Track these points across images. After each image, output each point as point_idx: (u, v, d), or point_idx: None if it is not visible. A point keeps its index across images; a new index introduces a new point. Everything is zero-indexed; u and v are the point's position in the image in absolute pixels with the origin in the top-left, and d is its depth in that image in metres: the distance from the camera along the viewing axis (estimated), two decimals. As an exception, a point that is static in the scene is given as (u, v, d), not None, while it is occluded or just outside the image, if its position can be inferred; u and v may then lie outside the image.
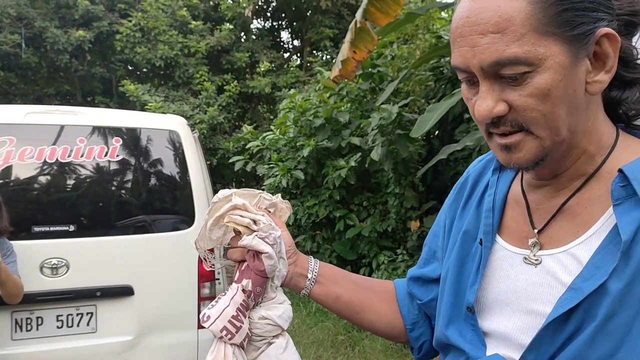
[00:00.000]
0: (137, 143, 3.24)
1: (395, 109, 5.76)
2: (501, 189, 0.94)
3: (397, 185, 6.33)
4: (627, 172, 0.74)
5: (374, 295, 1.13)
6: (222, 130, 13.41)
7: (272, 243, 0.98)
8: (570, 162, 0.82)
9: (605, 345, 0.71)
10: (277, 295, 1.03)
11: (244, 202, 1.02)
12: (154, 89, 13.12)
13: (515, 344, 0.81)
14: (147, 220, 3.23)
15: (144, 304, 3.06)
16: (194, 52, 13.48)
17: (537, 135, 0.76)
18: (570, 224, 0.81)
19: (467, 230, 0.95)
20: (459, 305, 0.92)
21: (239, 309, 0.96)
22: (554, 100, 0.73)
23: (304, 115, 7.10)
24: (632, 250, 0.71)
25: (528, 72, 0.73)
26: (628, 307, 0.70)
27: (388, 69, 7.12)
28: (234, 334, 0.95)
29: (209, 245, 1.07)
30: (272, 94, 13.54)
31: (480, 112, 0.76)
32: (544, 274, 0.80)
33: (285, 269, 1.04)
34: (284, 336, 1.02)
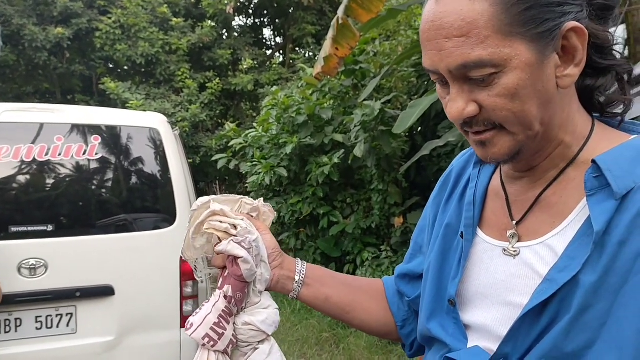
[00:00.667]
0: (116, 141, 3.19)
1: (378, 106, 5.77)
2: (482, 183, 0.94)
3: (381, 181, 6.34)
4: (600, 163, 0.74)
5: (363, 295, 1.13)
6: (205, 128, 13.33)
7: (248, 247, 0.98)
8: (547, 154, 0.82)
9: (581, 336, 0.71)
10: (262, 300, 1.03)
11: (222, 208, 1.02)
12: (135, 87, 12.99)
13: (495, 335, 0.81)
14: (127, 219, 3.18)
15: (125, 304, 3.02)
16: (176, 49, 13.37)
17: (510, 131, 0.77)
18: (546, 215, 0.81)
19: (449, 224, 0.96)
20: (441, 299, 0.92)
21: (221, 315, 0.96)
22: (523, 98, 0.74)
23: (287, 112, 7.08)
24: (605, 241, 0.71)
25: (495, 73, 0.73)
26: (603, 298, 0.70)
27: (370, 66, 7.12)
28: (216, 341, 0.95)
29: (196, 255, 1.06)
30: (254, 91, 13.48)
31: (452, 114, 0.77)
32: (522, 266, 0.81)
33: (268, 272, 1.03)
34: (269, 341, 1.02)
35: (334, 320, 5.39)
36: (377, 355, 4.55)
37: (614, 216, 0.72)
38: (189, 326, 0.97)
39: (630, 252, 0.70)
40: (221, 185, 16.49)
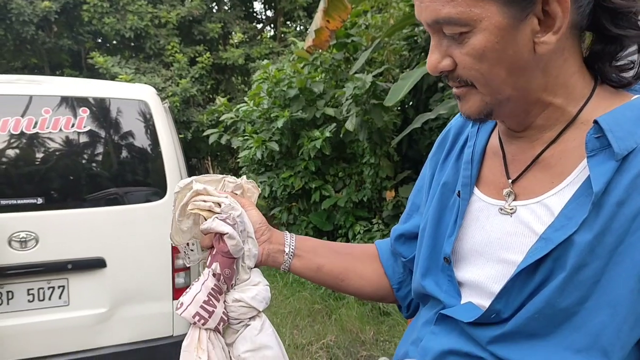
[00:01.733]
0: (105, 113, 3.16)
1: (369, 78, 5.73)
2: (480, 141, 0.94)
3: (372, 155, 6.33)
4: (602, 124, 0.73)
5: (356, 261, 1.13)
6: (196, 103, 13.22)
7: (233, 223, 0.98)
8: (535, 115, 0.82)
9: (575, 294, 0.72)
10: (251, 277, 1.03)
11: (205, 187, 1.02)
12: (124, 61, 12.84)
13: (488, 292, 0.82)
14: (117, 192, 3.17)
15: (116, 276, 3.03)
16: (165, 22, 13.18)
17: (479, 91, 0.78)
18: (545, 175, 0.81)
19: (446, 183, 0.96)
20: (436, 256, 0.93)
21: (210, 293, 0.97)
22: (491, 61, 0.74)
23: (278, 86, 7.03)
24: (603, 202, 0.71)
25: (465, 33, 0.74)
26: (598, 257, 0.71)
27: (362, 39, 7.05)
28: (207, 319, 0.96)
29: (184, 238, 1.06)
30: (245, 65, 13.36)
31: (428, 65, 0.80)
32: (518, 224, 0.81)
33: (255, 248, 1.03)
34: (260, 317, 1.02)
35: (326, 292, 5.44)
36: (368, 325, 4.60)
37: (614, 177, 0.72)
38: (179, 305, 0.97)
39: (628, 212, 0.70)
40: (213, 161, 16.45)
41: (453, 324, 0.86)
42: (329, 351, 4.22)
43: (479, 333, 0.81)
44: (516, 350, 0.76)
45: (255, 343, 0.99)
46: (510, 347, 0.77)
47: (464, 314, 0.83)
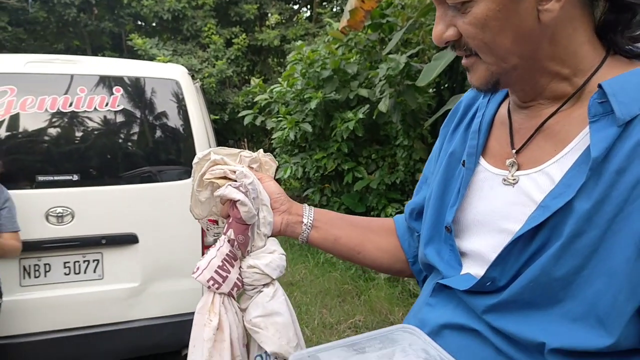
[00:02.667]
0: (137, 93, 3.23)
1: (403, 59, 5.67)
2: (489, 111, 0.93)
3: (406, 137, 6.29)
4: (606, 88, 0.72)
5: (373, 234, 1.14)
6: (232, 84, 13.33)
7: (245, 190, 1.00)
8: (543, 85, 0.81)
9: (571, 262, 0.71)
10: (267, 245, 1.05)
11: (222, 157, 1.05)
12: (162, 43, 13.00)
13: (488, 262, 0.81)
14: (150, 171, 3.25)
15: (148, 252, 3.11)
16: (202, 4, 13.28)
17: (485, 61, 0.77)
18: (548, 143, 0.80)
19: (453, 153, 0.95)
20: (439, 226, 0.93)
21: (225, 259, 1.00)
22: (493, 29, 0.73)
23: (312, 67, 7.01)
24: (603, 169, 0.70)
25: (468, 2, 0.73)
26: (596, 226, 0.69)
27: (397, 19, 6.96)
28: (220, 284, 0.99)
29: (203, 210, 1.09)
30: (281, 46, 13.37)
31: (433, 35, 0.79)
32: (519, 194, 0.80)
33: (270, 216, 1.05)
34: (273, 285, 1.04)
35: (357, 273, 5.46)
36: (397, 306, 4.61)
37: (615, 143, 0.70)
38: (195, 270, 1.00)
39: (628, 180, 0.68)
40: (249, 142, 16.58)
41: (450, 295, 0.86)
42: (357, 331, 4.25)
43: (475, 301, 0.81)
44: (511, 319, 0.76)
45: (267, 309, 1.01)
46: (505, 317, 0.77)
47: (461, 283, 0.83)
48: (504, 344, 0.77)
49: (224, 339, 0.98)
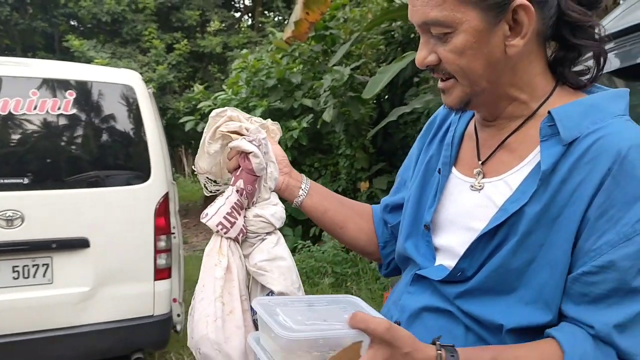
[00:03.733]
0: (91, 97, 3.23)
1: (347, 71, 5.86)
2: (460, 127, 1.09)
3: (348, 146, 6.47)
4: (554, 114, 0.88)
5: (355, 214, 1.27)
6: (172, 90, 13.19)
7: (258, 144, 1.08)
8: (503, 107, 0.97)
9: (524, 255, 0.87)
10: (271, 198, 1.13)
11: (238, 115, 1.12)
12: (100, 45, 12.73)
13: (456, 255, 0.96)
14: (102, 175, 3.25)
15: (100, 256, 3.11)
16: (143, 8, 13.10)
17: (461, 83, 0.92)
18: (508, 157, 0.96)
19: (430, 162, 1.11)
20: (418, 224, 1.07)
21: (233, 207, 1.07)
22: (469, 57, 0.88)
23: (257, 75, 7.11)
24: (550, 180, 0.86)
25: (449, 33, 0.88)
26: (542, 225, 0.86)
27: (340, 32, 7.17)
28: (228, 229, 1.06)
29: (209, 164, 1.15)
30: (223, 53, 13.36)
31: (416, 60, 0.94)
32: (484, 198, 0.96)
33: (276, 171, 1.14)
34: (275, 233, 1.12)
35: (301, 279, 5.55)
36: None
37: (560, 159, 0.86)
38: (204, 216, 1.07)
39: (568, 188, 0.85)
40: (187, 149, 16.39)
41: (426, 284, 1.00)
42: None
43: (448, 290, 0.95)
44: (477, 303, 0.91)
45: (271, 254, 1.09)
46: (472, 301, 0.92)
47: (435, 274, 0.98)
48: (473, 324, 0.93)
49: (232, 278, 1.05)
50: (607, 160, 0.83)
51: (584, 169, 0.84)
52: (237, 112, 1.13)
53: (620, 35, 1.41)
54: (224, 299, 1.03)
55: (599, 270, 0.82)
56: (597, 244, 0.83)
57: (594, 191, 0.83)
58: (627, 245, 0.81)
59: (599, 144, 0.84)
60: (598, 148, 0.84)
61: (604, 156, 0.83)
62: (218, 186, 1.20)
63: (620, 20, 1.44)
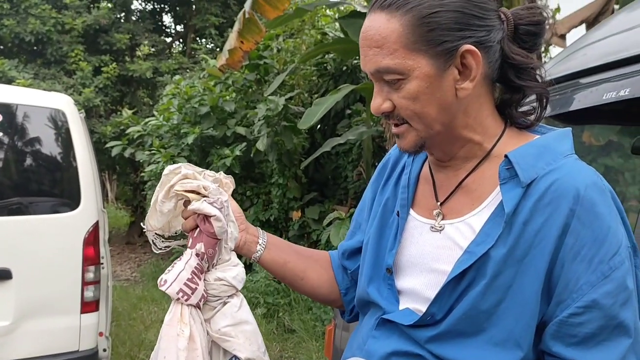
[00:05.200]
0: (19, 121, 3.10)
1: (282, 101, 5.92)
2: (414, 169, 1.11)
3: (281, 176, 6.49)
4: (511, 158, 0.92)
5: (315, 264, 1.26)
6: (98, 114, 12.79)
7: (220, 207, 1.06)
8: (458, 148, 1.00)
9: (493, 297, 0.89)
10: (232, 258, 1.11)
11: (193, 172, 1.10)
12: (22, 65, 12.20)
13: (422, 298, 0.97)
14: (23, 203, 3.11)
15: (23, 288, 2.95)
16: (69, 29, 12.69)
17: (415, 127, 0.95)
18: (466, 198, 0.98)
19: (387, 204, 1.11)
20: (379, 267, 1.07)
21: (193, 272, 1.04)
22: (423, 102, 0.92)
23: (189, 102, 7.04)
24: (513, 221, 0.89)
25: (402, 79, 0.91)
26: (510, 267, 0.88)
27: (274, 62, 7.25)
28: (189, 295, 1.02)
29: (159, 222, 1.12)
30: (153, 78, 13.12)
31: (372, 108, 0.96)
32: (446, 239, 0.97)
33: (236, 231, 1.12)
34: (238, 296, 1.09)
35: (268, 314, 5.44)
36: (274, 342, 4.71)
37: (520, 201, 0.89)
38: (162, 282, 1.03)
39: (531, 230, 0.88)
40: (111, 174, 15.87)
41: (393, 328, 0.99)
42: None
43: (418, 334, 0.95)
44: (449, 347, 0.92)
45: (236, 318, 1.06)
46: (444, 345, 0.92)
47: (404, 318, 0.97)
48: None
49: (195, 347, 1.01)
50: (567, 201, 0.87)
51: (545, 211, 0.88)
52: (191, 168, 1.11)
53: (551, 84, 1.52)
54: None
55: (583, 311, 0.85)
56: (577, 285, 0.86)
57: (560, 232, 0.87)
58: (606, 283, 0.85)
59: (556, 185, 0.88)
60: (556, 190, 0.88)
61: (564, 198, 0.87)
62: (167, 242, 1.17)
63: (552, 70, 1.55)
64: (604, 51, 1.42)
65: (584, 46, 1.55)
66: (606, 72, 1.36)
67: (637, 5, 1.49)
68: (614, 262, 0.86)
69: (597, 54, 1.44)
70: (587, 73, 1.42)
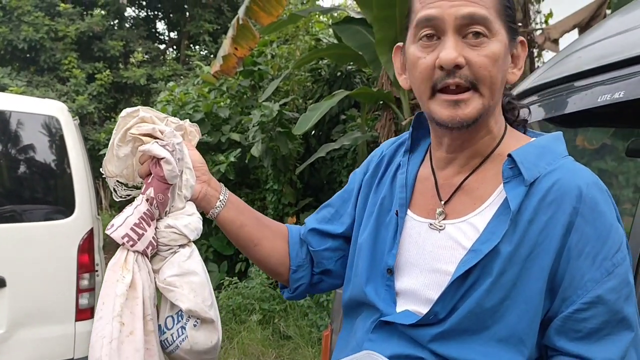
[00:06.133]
0: (13, 128, 3.09)
1: (277, 107, 5.92)
2: (412, 169, 1.10)
3: (276, 181, 6.49)
4: (515, 157, 0.93)
5: (271, 233, 1.21)
6: (92, 121, 12.78)
7: (172, 150, 1.00)
8: (479, 138, 0.99)
9: (498, 295, 0.89)
10: (186, 207, 1.06)
11: (151, 115, 1.04)
12: (15, 73, 12.18)
13: (423, 298, 0.96)
14: (17, 210, 3.09)
15: (17, 296, 2.93)
16: (62, 36, 12.70)
17: (481, 94, 0.92)
18: (468, 198, 0.99)
19: (383, 203, 1.09)
20: (376, 267, 1.05)
21: (142, 217, 1.00)
22: (499, 67, 0.93)
23: (183, 108, 7.03)
24: (518, 219, 0.90)
25: (486, 37, 0.91)
26: (515, 265, 0.89)
27: (268, 68, 7.25)
28: (135, 241, 0.98)
29: (117, 168, 1.06)
30: (147, 85, 13.12)
31: (448, 58, 0.90)
32: (447, 239, 0.97)
33: (193, 179, 1.07)
34: (189, 246, 1.05)
35: (227, 316, 5.46)
36: (270, 348, 4.69)
37: (524, 199, 0.90)
38: (109, 227, 0.99)
39: (536, 228, 0.89)
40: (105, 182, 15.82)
41: (391, 330, 0.97)
42: (230, 374, 4.25)
43: (420, 333, 0.93)
44: (452, 345, 0.91)
45: (183, 268, 1.02)
46: (447, 343, 0.91)
47: (405, 319, 0.95)
48: None
49: (136, 296, 0.97)
50: (571, 200, 0.89)
51: (548, 209, 0.90)
52: (151, 112, 1.05)
53: (545, 88, 1.53)
54: (123, 318, 0.95)
55: (588, 307, 0.86)
56: (582, 282, 0.87)
57: (564, 230, 0.88)
58: (610, 279, 0.87)
59: (559, 184, 0.90)
60: (559, 188, 0.90)
61: (567, 197, 0.89)
62: (130, 190, 1.11)
63: (546, 73, 1.56)
64: (598, 54, 1.42)
65: (578, 49, 1.56)
66: (600, 74, 1.37)
67: (629, 8, 1.50)
68: (616, 258, 0.88)
69: (591, 57, 1.44)
70: (582, 76, 1.43)
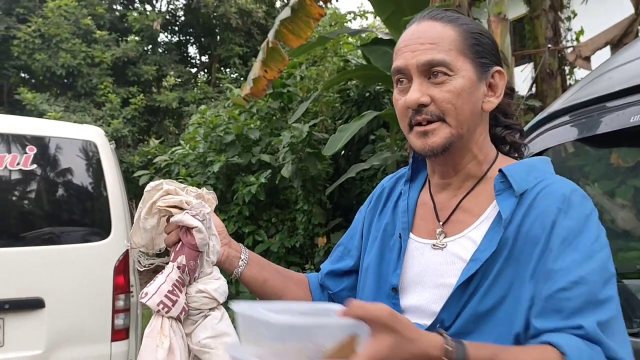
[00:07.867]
0: (52, 153, 3.19)
1: (306, 128, 5.98)
2: (412, 196, 1.18)
3: (306, 202, 6.52)
4: (505, 171, 1.03)
5: (293, 284, 1.29)
6: (126, 144, 13.05)
7: (202, 219, 1.07)
8: (465, 163, 1.08)
9: (497, 294, 0.97)
10: (214, 272, 1.12)
11: (175, 187, 1.11)
12: (53, 99, 12.56)
13: (428, 312, 1.03)
14: (55, 232, 3.17)
15: (55, 317, 2.99)
16: (99, 62, 13.07)
17: (449, 124, 1.02)
18: (465, 216, 1.07)
19: (386, 229, 1.17)
20: (381, 288, 1.12)
21: (174, 284, 1.05)
22: (463, 99, 1.01)
23: (215, 131, 7.15)
24: (510, 227, 0.98)
25: (449, 76, 1.01)
26: (510, 265, 0.97)
27: (297, 89, 7.35)
28: (170, 307, 1.04)
29: (143, 239, 1.13)
30: (179, 108, 13.38)
31: (411, 99, 1.02)
32: (449, 255, 1.04)
33: (218, 244, 1.13)
34: (219, 309, 1.11)
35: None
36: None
37: (515, 209, 0.99)
38: (143, 295, 1.04)
39: (523, 232, 0.97)
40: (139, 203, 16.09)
41: None
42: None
43: None
44: None
45: (216, 330, 1.07)
46: None
47: None
48: None
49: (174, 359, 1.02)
50: (556, 202, 0.97)
51: (535, 212, 0.98)
52: (173, 184, 1.12)
53: (577, 108, 1.53)
54: None
55: (572, 286, 0.91)
56: (564, 264, 0.93)
57: (550, 228, 0.96)
58: (590, 262, 0.93)
59: (545, 191, 1.00)
60: (545, 194, 0.99)
61: (552, 199, 0.98)
62: (152, 259, 1.18)
63: (577, 94, 1.56)
64: (630, 74, 1.43)
65: (609, 69, 1.55)
66: (633, 95, 1.36)
67: (661, 27, 1.49)
68: (595, 246, 0.95)
69: (623, 77, 1.45)
70: (614, 97, 1.43)
